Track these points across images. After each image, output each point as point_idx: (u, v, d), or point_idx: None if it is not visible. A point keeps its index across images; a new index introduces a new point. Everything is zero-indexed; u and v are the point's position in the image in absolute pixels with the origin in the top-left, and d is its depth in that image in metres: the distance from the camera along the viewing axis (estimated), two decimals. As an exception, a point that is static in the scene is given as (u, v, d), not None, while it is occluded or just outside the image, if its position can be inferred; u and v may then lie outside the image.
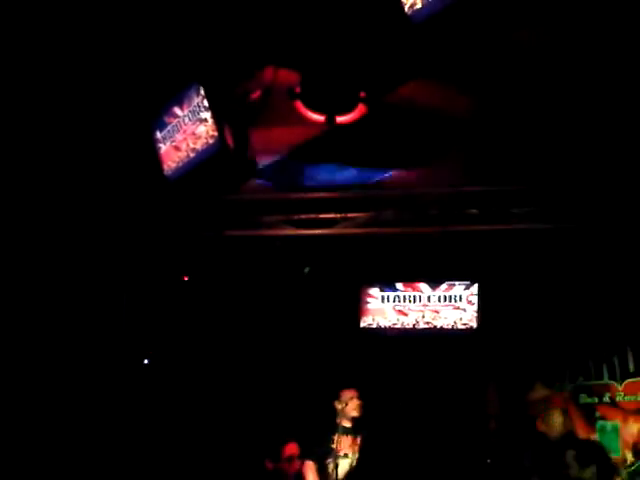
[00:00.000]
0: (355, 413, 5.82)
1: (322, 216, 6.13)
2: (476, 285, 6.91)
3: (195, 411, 7.24)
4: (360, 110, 4.23)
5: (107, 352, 6.70)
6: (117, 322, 6.66)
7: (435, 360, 7.37)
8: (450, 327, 6.92)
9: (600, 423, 6.56)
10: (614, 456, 6.49)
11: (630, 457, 6.47)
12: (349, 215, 6.13)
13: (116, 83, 4.76)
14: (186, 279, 6.79)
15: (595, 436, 6.49)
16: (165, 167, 5.05)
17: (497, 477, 6.74)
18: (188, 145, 4.83)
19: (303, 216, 6.12)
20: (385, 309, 7.18)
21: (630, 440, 6.41)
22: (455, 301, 6.94)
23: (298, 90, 4.24)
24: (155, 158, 5.04)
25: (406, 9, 3.52)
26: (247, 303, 7.25)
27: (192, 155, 4.83)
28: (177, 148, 4.93)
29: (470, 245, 6.44)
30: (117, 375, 6.76)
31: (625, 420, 6.48)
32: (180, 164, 4.96)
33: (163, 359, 6.97)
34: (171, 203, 5.57)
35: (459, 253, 6.71)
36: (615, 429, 6.50)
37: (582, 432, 6.42)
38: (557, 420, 6.04)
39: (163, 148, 5.04)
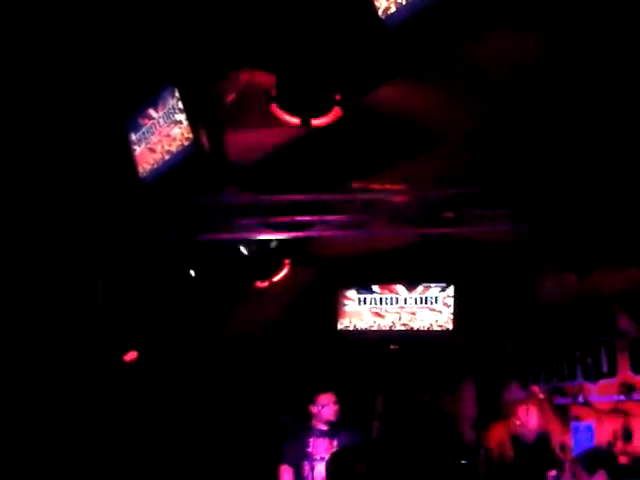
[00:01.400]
0: (331, 417, 5.81)
1: (298, 219, 6.12)
2: (452, 287, 6.93)
3: (169, 412, 7.21)
4: (335, 113, 4.23)
5: (82, 350, 6.67)
6: (90, 320, 6.63)
7: (411, 362, 7.39)
8: (426, 329, 6.94)
9: (574, 423, 6.61)
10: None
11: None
12: (325, 218, 6.12)
13: (90, 85, 4.73)
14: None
15: (569, 437, 6.55)
16: (140, 169, 5.03)
17: (472, 478, 6.78)
18: (163, 147, 4.82)
19: (279, 219, 6.10)
20: (362, 311, 7.19)
21: (604, 440, 6.45)
22: (431, 303, 6.96)
23: (274, 93, 4.23)
24: (130, 160, 5.02)
25: (380, 13, 3.53)
26: (220, 306, 7.22)
27: (167, 157, 4.82)
28: (152, 150, 4.92)
29: (446, 247, 6.46)
30: (94, 375, 6.75)
31: (599, 420, 6.53)
32: (155, 166, 4.94)
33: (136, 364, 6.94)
34: (146, 205, 5.53)
35: (435, 255, 6.73)
36: (589, 429, 6.55)
37: (557, 432, 6.47)
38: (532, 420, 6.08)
39: (138, 150, 5.02)
